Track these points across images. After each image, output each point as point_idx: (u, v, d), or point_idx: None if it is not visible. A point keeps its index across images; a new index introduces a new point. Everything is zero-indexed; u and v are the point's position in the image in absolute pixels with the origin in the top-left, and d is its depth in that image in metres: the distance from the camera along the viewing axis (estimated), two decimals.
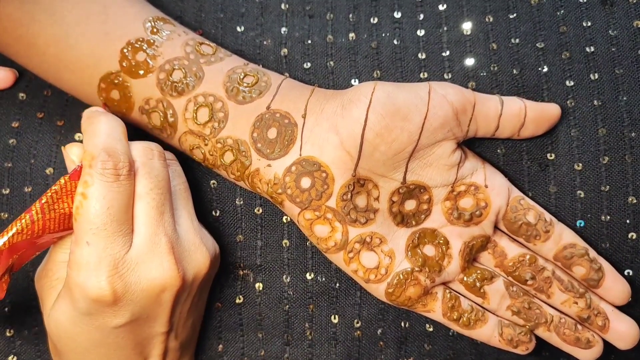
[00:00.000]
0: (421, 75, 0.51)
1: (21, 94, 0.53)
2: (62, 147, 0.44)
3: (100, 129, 0.43)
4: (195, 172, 0.51)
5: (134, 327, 0.43)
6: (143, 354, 0.45)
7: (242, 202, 0.51)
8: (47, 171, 0.51)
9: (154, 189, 0.43)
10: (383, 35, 0.51)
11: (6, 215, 0.51)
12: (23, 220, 0.40)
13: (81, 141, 0.51)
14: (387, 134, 0.43)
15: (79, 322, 0.42)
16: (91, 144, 0.42)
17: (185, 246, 0.44)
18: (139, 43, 0.46)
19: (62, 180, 0.41)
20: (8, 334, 0.51)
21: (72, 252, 0.41)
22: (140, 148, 0.44)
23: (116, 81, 0.46)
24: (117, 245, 0.41)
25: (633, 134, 0.49)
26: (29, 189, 0.51)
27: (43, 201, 0.41)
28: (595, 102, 0.49)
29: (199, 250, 0.45)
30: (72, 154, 0.44)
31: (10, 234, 0.40)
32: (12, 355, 0.51)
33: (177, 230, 0.44)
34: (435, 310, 0.48)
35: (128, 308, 0.42)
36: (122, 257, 0.41)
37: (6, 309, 0.51)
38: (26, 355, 0.51)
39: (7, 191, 0.51)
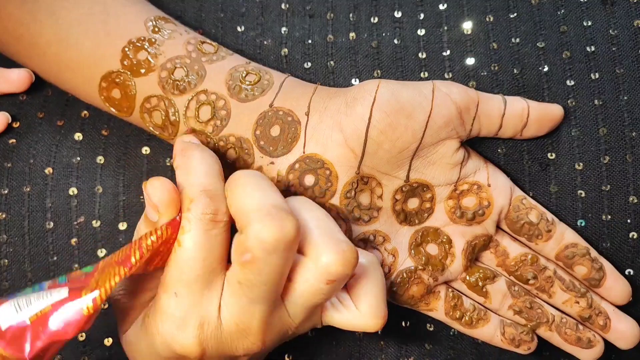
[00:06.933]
0: (422, 74, 0.51)
1: (21, 94, 0.52)
2: (143, 185, 0.39)
3: (196, 166, 0.39)
4: None
5: None
6: None
7: None
8: (47, 171, 0.51)
9: None
10: (383, 34, 0.52)
11: (4, 216, 0.50)
12: (112, 281, 0.37)
13: (80, 142, 0.51)
14: (391, 132, 0.43)
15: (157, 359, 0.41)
16: (188, 183, 0.39)
17: None
18: (141, 42, 0.46)
19: (161, 232, 0.38)
20: None
21: (158, 296, 0.39)
22: None
23: (117, 80, 0.46)
24: (206, 301, 0.39)
25: (634, 134, 0.49)
26: (28, 189, 0.50)
27: (137, 257, 0.37)
28: (596, 102, 0.49)
29: None
30: (153, 196, 0.39)
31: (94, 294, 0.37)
32: None
33: None
34: (438, 309, 0.48)
35: None
36: (209, 315, 0.39)
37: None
38: None
39: (6, 191, 0.51)
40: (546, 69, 0.50)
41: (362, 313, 0.42)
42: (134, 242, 0.38)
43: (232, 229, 0.39)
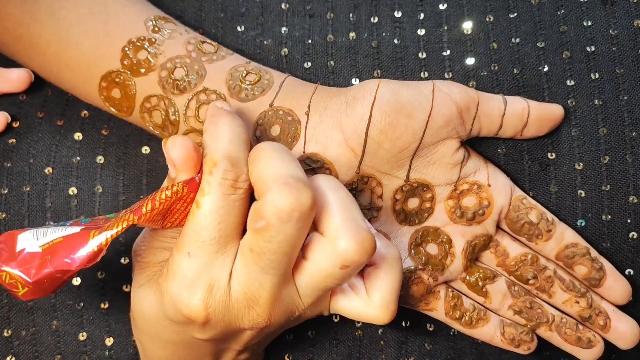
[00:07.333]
0: (422, 74, 0.51)
1: (21, 94, 0.52)
2: (163, 142, 0.40)
3: (224, 133, 0.39)
4: None
5: (213, 343, 0.42)
6: (215, 358, 0.45)
7: None
8: (46, 171, 0.51)
9: None
10: (383, 34, 0.52)
11: (4, 215, 0.50)
12: (120, 227, 0.38)
13: (80, 142, 0.51)
14: (391, 132, 0.43)
15: (162, 320, 0.41)
16: (213, 148, 0.39)
17: None
18: (141, 42, 0.46)
19: (176, 189, 0.38)
20: (6, 334, 0.51)
21: (172, 256, 0.39)
22: None
23: (117, 80, 0.46)
24: (217, 265, 0.39)
25: (634, 134, 0.49)
26: (28, 189, 0.50)
27: (148, 208, 0.38)
28: (596, 102, 0.49)
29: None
30: (171, 152, 0.39)
31: (108, 234, 0.38)
32: (10, 356, 0.51)
33: None
34: (438, 309, 0.48)
35: (211, 331, 0.40)
36: (219, 280, 0.39)
37: (4, 310, 0.50)
38: (24, 356, 0.51)
39: (6, 191, 0.51)
40: (546, 69, 0.50)
41: (373, 302, 0.41)
42: (151, 195, 0.39)
43: (252, 199, 0.39)
